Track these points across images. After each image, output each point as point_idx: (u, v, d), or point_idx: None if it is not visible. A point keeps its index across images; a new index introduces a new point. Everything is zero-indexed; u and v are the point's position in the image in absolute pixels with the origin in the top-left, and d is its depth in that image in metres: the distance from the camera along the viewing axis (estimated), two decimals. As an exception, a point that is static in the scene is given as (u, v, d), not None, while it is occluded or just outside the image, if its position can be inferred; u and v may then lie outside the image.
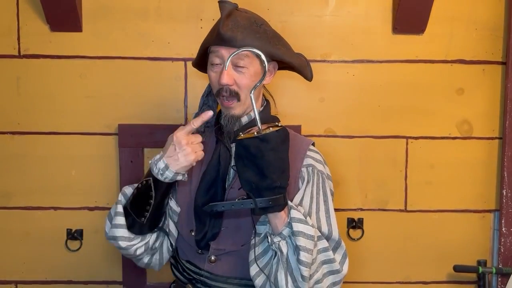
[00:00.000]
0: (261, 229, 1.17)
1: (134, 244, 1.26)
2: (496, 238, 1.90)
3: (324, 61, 1.86)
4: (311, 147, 1.32)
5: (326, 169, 1.31)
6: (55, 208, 1.87)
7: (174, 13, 1.83)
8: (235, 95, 1.22)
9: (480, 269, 1.83)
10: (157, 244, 1.32)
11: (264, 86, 1.35)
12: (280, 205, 1.09)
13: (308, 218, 1.13)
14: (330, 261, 1.15)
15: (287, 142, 1.09)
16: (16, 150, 1.85)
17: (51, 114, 1.84)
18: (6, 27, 1.81)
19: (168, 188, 1.22)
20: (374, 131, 1.88)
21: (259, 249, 1.16)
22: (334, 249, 1.19)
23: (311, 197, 1.23)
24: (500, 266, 1.87)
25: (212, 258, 1.25)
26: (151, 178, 1.20)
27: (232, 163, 1.28)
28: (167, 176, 1.17)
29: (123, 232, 1.23)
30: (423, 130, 1.89)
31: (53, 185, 1.86)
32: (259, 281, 1.15)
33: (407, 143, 1.89)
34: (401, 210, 1.91)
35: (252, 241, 1.17)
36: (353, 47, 1.86)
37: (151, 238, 1.29)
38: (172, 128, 1.81)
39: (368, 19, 1.86)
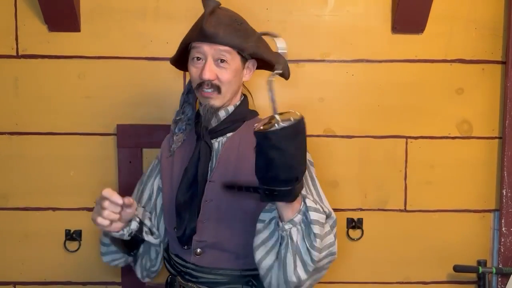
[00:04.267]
0: (265, 216, 1.19)
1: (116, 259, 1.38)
2: (496, 238, 1.90)
3: (323, 60, 1.86)
4: None
5: (308, 155, 1.31)
6: (54, 209, 1.86)
7: (173, 13, 1.83)
8: (216, 88, 1.26)
9: (480, 269, 1.82)
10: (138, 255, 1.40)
11: (243, 83, 1.37)
12: (287, 196, 1.08)
13: (318, 205, 1.15)
14: (332, 244, 1.19)
15: (297, 137, 1.04)
16: (14, 150, 1.84)
17: (49, 114, 1.84)
18: (4, 27, 1.81)
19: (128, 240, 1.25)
20: (374, 131, 1.88)
21: (264, 234, 1.18)
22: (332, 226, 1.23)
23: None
24: (500, 266, 1.86)
25: (198, 250, 1.28)
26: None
27: (214, 159, 1.30)
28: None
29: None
30: (423, 130, 1.88)
31: (51, 186, 1.85)
32: (266, 263, 1.16)
33: (406, 143, 1.89)
34: (400, 210, 1.90)
35: (258, 227, 1.19)
36: (353, 47, 1.86)
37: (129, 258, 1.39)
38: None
39: (367, 19, 1.85)
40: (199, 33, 1.23)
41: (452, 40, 1.86)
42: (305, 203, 1.12)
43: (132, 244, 1.29)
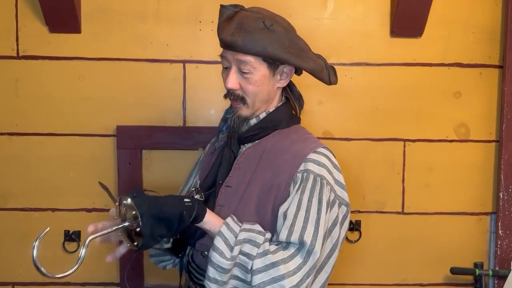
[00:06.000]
0: None
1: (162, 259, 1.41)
2: (493, 240, 1.91)
3: (322, 63, 1.87)
4: (320, 149, 1.23)
5: (334, 173, 1.23)
6: (53, 210, 1.86)
7: (173, 15, 1.83)
8: (241, 100, 1.22)
9: (477, 272, 1.83)
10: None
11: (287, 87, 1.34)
12: None
13: (236, 248, 1.09)
14: (273, 265, 1.07)
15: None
16: (14, 151, 1.84)
17: (49, 115, 1.84)
18: (4, 28, 1.81)
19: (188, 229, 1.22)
20: (372, 133, 1.89)
21: None
22: (316, 270, 1.14)
23: (300, 205, 1.14)
24: (496, 269, 1.87)
25: (206, 253, 1.25)
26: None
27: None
28: None
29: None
30: (421, 133, 1.89)
31: (51, 187, 1.85)
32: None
33: (404, 146, 1.90)
34: (398, 213, 1.91)
35: None
36: (351, 50, 1.87)
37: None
38: (170, 130, 1.83)
39: (366, 23, 1.86)
40: (220, 41, 1.19)
41: (450, 44, 1.87)
42: (214, 240, 1.10)
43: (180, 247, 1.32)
